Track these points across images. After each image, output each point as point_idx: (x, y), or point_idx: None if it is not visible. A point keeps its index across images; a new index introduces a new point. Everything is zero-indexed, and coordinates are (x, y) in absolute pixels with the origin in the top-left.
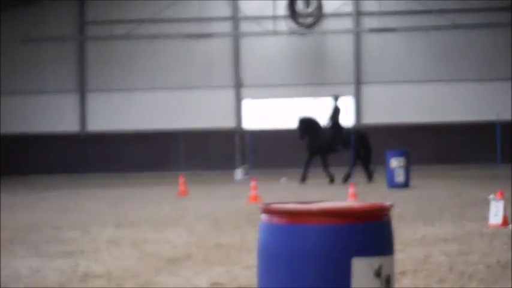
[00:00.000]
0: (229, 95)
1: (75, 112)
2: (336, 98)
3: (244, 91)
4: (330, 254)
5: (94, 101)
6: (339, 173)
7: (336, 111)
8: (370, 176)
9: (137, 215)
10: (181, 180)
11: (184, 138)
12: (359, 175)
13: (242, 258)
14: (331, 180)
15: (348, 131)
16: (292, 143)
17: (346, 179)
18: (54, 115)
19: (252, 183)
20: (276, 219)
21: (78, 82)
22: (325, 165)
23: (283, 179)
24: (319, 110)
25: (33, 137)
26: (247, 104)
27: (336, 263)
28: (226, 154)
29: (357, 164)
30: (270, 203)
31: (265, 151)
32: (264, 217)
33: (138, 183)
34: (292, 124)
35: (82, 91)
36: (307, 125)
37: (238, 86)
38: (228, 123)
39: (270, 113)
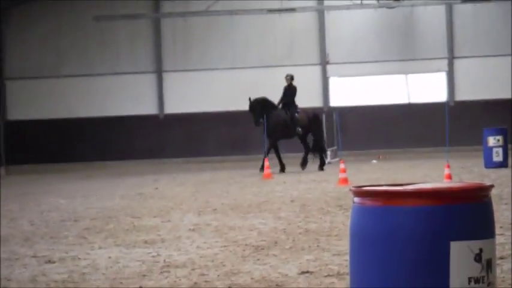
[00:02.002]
0: (314, 73)
1: (152, 94)
2: (291, 78)
3: (330, 68)
4: (426, 237)
5: (172, 82)
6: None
7: (292, 92)
8: (322, 164)
9: (220, 201)
10: (266, 163)
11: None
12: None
13: (332, 244)
14: (283, 169)
15: (305, 113)
16: (383, 121)
17: (305, 164)
18: (130, 97)
19: (341, 166)
20: (369, 202)
21: (154, 62)
22: (267, 151)
23: (374, 161)
24: (410, 88)
25: (109, 120)
26: (333, 82)
27: (433, 247)
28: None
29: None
30: (362, 186)
31: (354, 131)
32: (356, 200)
33: (221, 167)
34: (380, 101)
35: (159, 72)
36: (262, 106)
37: (323, 63)
38: (314, 102)
39: (358, 91)
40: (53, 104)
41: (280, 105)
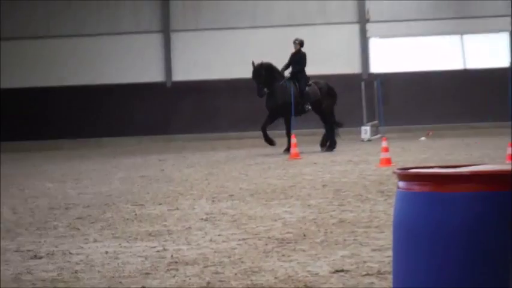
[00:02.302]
0: (351, 32)
1: (157, 58)
2: (300, 43)
3: (371, 28)
4: (485, 228)
5: (181, 44)
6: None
7: (301, 59)
8: (333, 143)
9: (238, 186)
10: (293, 140)
11: None
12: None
13: (372, 237)
14: (288, 149)
15: (318, 85)
16: (433, 91)
17: (326, 144)
18: (132, 62)
19: (383, 144)
20: (416, 187)
21: (160, 20)
22: (289, 129)
23: (423, 138)
24: (467, 51)
25: (106, 89)
26: (374, 44)
27: (492, 239)
28: (349, 107)
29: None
30: (408, 168)
31: (399, 102)
32: (401, 185)
33: (239, 144)
34: (430, 67)
35: (166, 31)
36: (268, 74)
37: (363, 21)
38: (351, 67)
39: (403, 55)
40: (40, 69)
41: (288, 75)
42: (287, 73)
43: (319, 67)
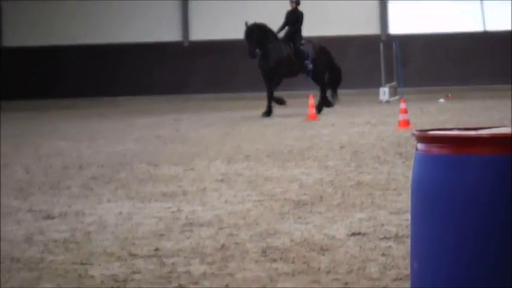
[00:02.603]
0: None
1: (174, 17)
2: (297, 1)
3: None
4: (501, 189)
5: (199, 3)
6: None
7: (298, 18)
8: (329, 102)
9: (255, 146)
10: (310, 101)
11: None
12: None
13: (389, 200)
14: (268, 113)
15: (311, 44)
16: (453, 53)
17: (321, 108)
18: (148, 20)
19: (402, 105)
20: (435, 149)
21: None
22: (271, 93)
23: (442, 100)
24: (486, 13)
25: (121, 48)
26: (393, 5)
27: (508, 200)
28: (368, 68)
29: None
30: (427, 130)
31: (418, 64)
32: (419, 147)
33: (255, 105)
34: (449, 29)
35: None
36: (261, 34)
37: None
38: (370, 29)
39: (422, 16)
40: (54, 28)
41: (282, 35)
42: (282, 33)
43: (338, 28)
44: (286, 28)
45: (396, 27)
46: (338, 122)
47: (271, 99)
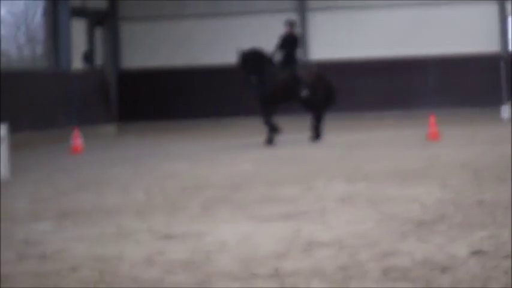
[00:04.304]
0: (490, 11)
1: None
2: (291, 24)
3: (510, 6)
4: None
5: (317, 23)
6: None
7: (296, 41)
8: (320, 134)
9: (374, 166)
10: (431, 120)
11: (433, 68)
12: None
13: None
14: (269, 141)
15: (307, 69)
16: None
17: (318, 135)
18: (268, 41)
19: None
20: None
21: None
22: (271, 117)
23: None
24: None
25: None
26: None
27: None
28: (489, 86)
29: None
30: None
31: None
32: None
33: (375, 125)
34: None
35: (301, 10)
36: (256, 61)
37: None
38: (490, 46)
39: None
40: (173, 49)
41: (277, 59)
42: (278, 57)
43: (457, 46)
44: (281, 51)
45: None
46: (458, 141)
47: (269, 125)
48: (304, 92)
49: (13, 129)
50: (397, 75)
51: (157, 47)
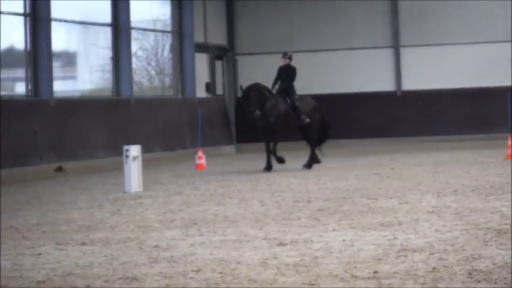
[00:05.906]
0: None
1: (389, 70)
2: (288, 57)
3: None
4: None
5: (408, 58)
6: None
7: (293, 73)
8: (318, 160)
9: (461, 182)
10: (510, 142)
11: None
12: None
13: None
14: (268, 167)
15: (305, 101)
16: None
17: (312, 164)
18: (366, 74)
19: None
20: None
21: (391, 37)
22: (275, 148)
23: None
24: None
25: (343, 97)
26: None
27: None
28: None
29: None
30: None
31: None
32: None
33: (460, 146)
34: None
35: (396, 47)
36: (259, 95)
37: None
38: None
39: None
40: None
41: (275, 91)
42: (276, 88)
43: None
44: (280, 82)
45: None
46: None
47: (269, 154)
48: (306, 120)
49: (145, 150)
50: (477, 103)
51: (266, 77)
